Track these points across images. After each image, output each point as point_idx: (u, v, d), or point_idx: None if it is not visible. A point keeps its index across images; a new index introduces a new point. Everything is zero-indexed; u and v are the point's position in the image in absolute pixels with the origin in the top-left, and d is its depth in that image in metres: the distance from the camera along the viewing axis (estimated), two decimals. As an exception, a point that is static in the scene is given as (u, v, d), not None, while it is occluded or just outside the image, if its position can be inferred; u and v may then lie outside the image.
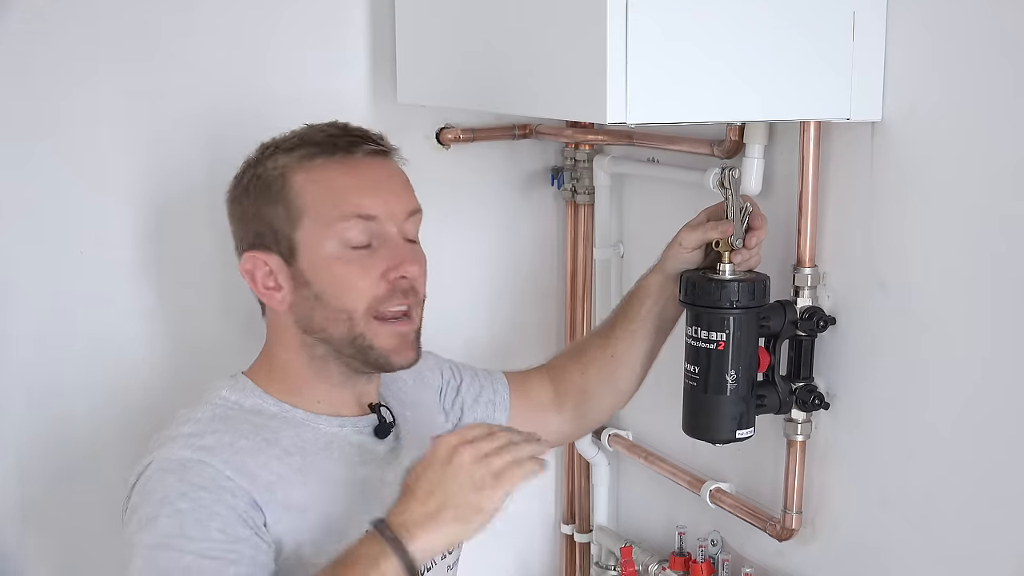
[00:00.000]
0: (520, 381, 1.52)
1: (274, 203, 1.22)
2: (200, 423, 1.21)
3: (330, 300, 1.21)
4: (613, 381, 1.48)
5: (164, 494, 1.13)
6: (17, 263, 1.53)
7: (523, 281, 1.92)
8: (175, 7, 1.57)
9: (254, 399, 1.25)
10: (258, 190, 1.23)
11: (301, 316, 1.23)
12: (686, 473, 1.67)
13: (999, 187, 1.18)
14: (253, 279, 1.24)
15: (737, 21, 1.20)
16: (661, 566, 1.69)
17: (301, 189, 1.21)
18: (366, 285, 1.21)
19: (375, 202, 1.22)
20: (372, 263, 1.21)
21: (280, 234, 1.22)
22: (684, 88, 1.19)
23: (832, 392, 1.41)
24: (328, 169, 1.22)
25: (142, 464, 1.19)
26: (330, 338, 1.23)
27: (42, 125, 1.52)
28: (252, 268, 1.24)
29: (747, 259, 1.34)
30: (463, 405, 1.46)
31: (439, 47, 1.54)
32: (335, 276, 1.20)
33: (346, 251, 1.21)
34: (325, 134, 1.25)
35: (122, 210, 1.58)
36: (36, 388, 1.57)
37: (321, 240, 1.21)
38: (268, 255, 1.23)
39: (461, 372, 1.49)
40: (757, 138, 1.44)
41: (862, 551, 1.40)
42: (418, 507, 1.08)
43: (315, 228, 1.21)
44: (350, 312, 1.21)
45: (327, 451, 1.24)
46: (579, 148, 1.83)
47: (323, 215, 1.20)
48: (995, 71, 1.18)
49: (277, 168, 1.23)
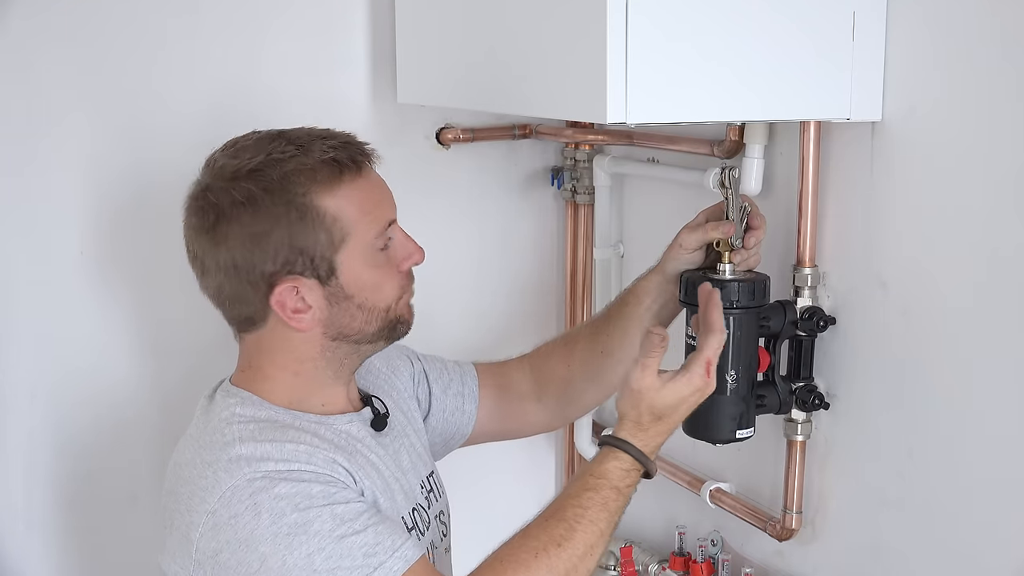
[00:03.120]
0: (495, 371, 1.52)
1: (311, 231, 1.20)
2: (246, 443, 1.18)
3: (373, 304, 1.25)
4: (599, 376, 1.47)
5: (293, 503, 1.12)
6: (17, 264, 1.53)
7: (523, 281, 1.92)
8: (177, 7, 1.57)
9: (265, 411, 1.24)
10: (288, 220, 1.19)
11: (335, 326, 1.24)
12: (686, 473, 1.67)
13: (999, 187, 1.19)
14: (283, 307, 1.21)
15: (737, 21, 1.20)
16: (661, 566, 1.69)
17: (338, 214, 1.20)
18: (395, 281, 1.27)
19: (390, 209, 1.27)
20: (392, 260, 1.26)
21: (320, 258, 1.21)
22: (684, 88, 1.19)
23: (832, 392, 1.41)
24: (354, 189, 1.22)
25: (208, 504, 1.13)
26: (364, 336, 1.26)
27: (42, 124, 1.52)
28: (283, 299, 1.21)
29: (747, 259, 1.34)
30: (432, 395, 1.47)
31: (439, 47, 1.54)
32: (373, 283, 1.24)
33: (379, 258, 1.25)
34: (330, 151, 1.21)
35: (122, 210, 1.58)
36: (39, 389, 1.57)
37: (362, 256, 1.23)
38: (299, 280, 1.21)
39: (430, 363, 1.50)
40: (757, 138, 1.44)
41: (862, 551, 1.40)
42: (661, 434, 1.25)
43: (357, 246, 1.22)
44: (387, 308, 1.26)
45: (351, 444, 1.25)
46: (579, 148, 1.83)
47: (364, 233, 1.23)
48: (995, 71, 1.18)
49: (305, 196, 1.19)
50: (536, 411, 1.51)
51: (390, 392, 1.41)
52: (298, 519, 1.11)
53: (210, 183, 1.22)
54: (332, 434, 1.24)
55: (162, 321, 1.63)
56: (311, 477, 1.15)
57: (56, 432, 1.59)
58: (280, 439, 1.18)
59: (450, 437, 1.49)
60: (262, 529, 1.11)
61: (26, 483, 1.58)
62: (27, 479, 1.58)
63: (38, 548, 1.60)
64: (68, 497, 1.60)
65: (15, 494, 1.58)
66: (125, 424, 1.61)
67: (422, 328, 1.33)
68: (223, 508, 1.13)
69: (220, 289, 1.24)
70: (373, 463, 1.25)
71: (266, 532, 1.11)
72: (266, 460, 1.15)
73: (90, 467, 1.60)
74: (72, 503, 1.61)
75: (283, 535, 1.11)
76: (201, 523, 1.14)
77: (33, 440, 1.58)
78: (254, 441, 1.17)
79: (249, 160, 1.20)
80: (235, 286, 1.22)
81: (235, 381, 1.27)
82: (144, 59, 1.56)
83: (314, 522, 1.11)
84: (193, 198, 1.24)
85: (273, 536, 1.11)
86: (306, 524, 1.11)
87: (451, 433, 1.48)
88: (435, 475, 1.40)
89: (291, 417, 1.24)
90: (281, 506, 1.12)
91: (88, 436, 1.60)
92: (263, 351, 1.26)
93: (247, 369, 1.27)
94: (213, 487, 1.14)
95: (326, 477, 1.16)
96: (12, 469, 1.57)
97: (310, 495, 1.13)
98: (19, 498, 1.58)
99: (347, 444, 1.24)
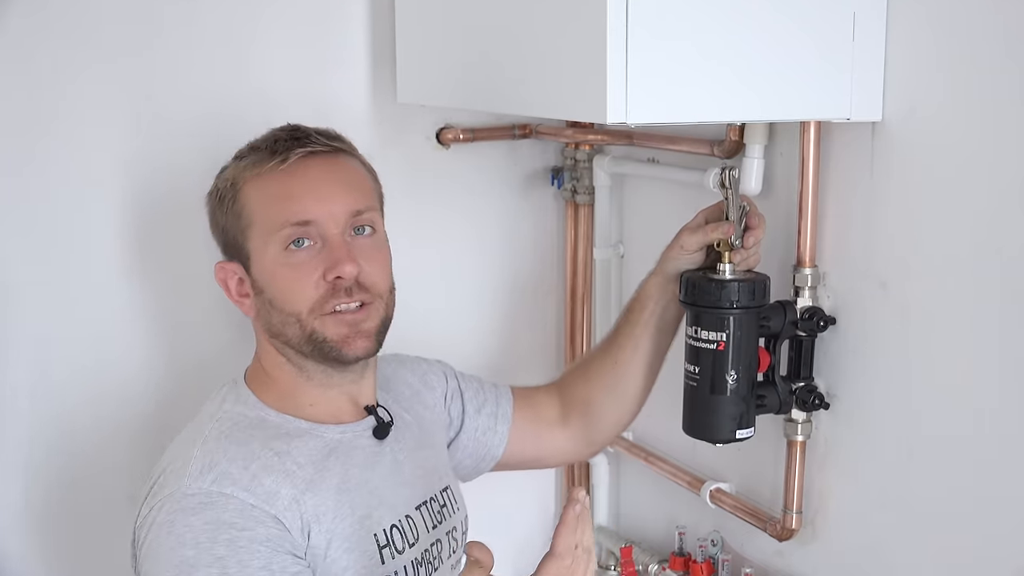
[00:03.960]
0: (527, 396, 1.52)
1: (229, 214, 1.26)
2: (208, 443, 1.20)
3: (281, 305, 1.24)
4: (617, 390, 1.47)
5: (195, 539, 1.12)
6: (17, 264, 1.53)
7: (523, 281, 1.92)
8: (176, 6, 1.57)
9: (257, 411, 1.25)
10: (218, 201, 1.28)
11: (264, 322, 1.26)
12: (686, 473, 1.67)
13: (999, 186, 1.18)
14: (227, 288, 1.28)
15: (737, 21, 1.20)
16: (661, 566, 1.69)
17: (246, 199, 1.25)
18: (307, 288, 1.23)
19: (310, 207, 1.23)
20: (313, 265, 1.23)
21: (237, 243, 1.26)
22: (684, 88, 1.19)
23: (832, 392, 1.41)
24: (268, 178, 1.24)
25: (157, 498, 1.17)
26: (289, 340, 1.25)
27: (42, 123, 1.52)
28: (224, 277, 1.28)
29: (746, 259, 1.34)
30: (465, 413, 1.47)
31: (439, 47, 1.54)
32: (281, 282, 1.24)
33: (288, 257, 1.23)
34: (271, 139, 1.27)
35: (122, 209, 1.57)
36: (40, 389, 1.57)
37: (266, 248, 1.24)
38: (233, 264, 1.27)
39: (467, 382, 1.49)
40: (757, 138, 1.44)
41: (862, 551, 1.40)
42: None
43: (261, 237, 1.24)
44: (297, 315, 1.23)
45: (334, 458, 1.25)
46: (579, 148, 1.82)
47: (266, 224, 1.23)
48: (996, 70, 1.18)
49: (229, 179, 1.27)
50: (563, 437, 1.51)
51: (415, 406, 1.40)
52: (191, 559, 1.11)
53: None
54: (315, 444, 1.24)
55: (162, 321, 1.63)
56: (237, 507, 1.14)
57: (57, 432, 1.59)
58: (236, 453, 1.18)
59: (481, 458, 1.48)
60: (164, 551, 1.13)
61: (26, 483, 1.58)
62: (27, 479, 1.58)
63: (38, 548, 1.60)
64: (69, 497, 1.60)
65: (15, 494, 1.58)
66: (127, 424, 1.61)
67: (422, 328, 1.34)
68: (155, 511, 1.16)
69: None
70: (352, 477, 1.24)
71: (166, 555, 1.13)
72: (207, 474, 1.16)
73: (91, 467, 1.60)
74: (72, 503, 1.61)
75: (175, 565, 1.12)
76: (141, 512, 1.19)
77: (34, 440, 1.58)
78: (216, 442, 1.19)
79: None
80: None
81: (246, 374, 1.30)
82: (143, 57, 1.55)
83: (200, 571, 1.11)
84: None
85: (168, 562, 1.13)
86: (194, 570, 1.11)
87: (482, 454, 1.48)
88: (451, 489, 1.39)
89: (280, 421, 1.25)
90: (186, 537, 1.12)
91: (90, 436, 1.60)
92: (258, 341, 1.30)
93: (254, 359, 1.31)
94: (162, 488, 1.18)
95: (253, 512, 1.15)
96: (12, 469, 1.57)
97: (214, 538, 1.12)
98: (19, 498, 1.58)
99: (324, 459, 1.23)
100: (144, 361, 1.62)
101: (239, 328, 1.47)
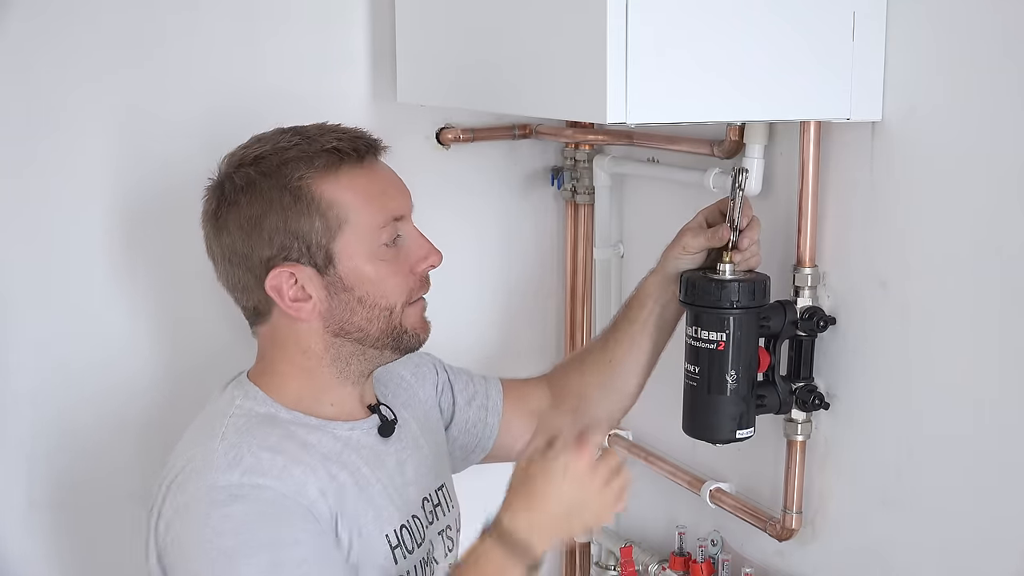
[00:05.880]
0: (517, 388, 1.52)
1: (306, 215, 1.20)
2: (228, 438, 1.18)
3: (375, 300, 1.23)
4: (611, 386, 1.47)
5: (235, 528, 1.11)
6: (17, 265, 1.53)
7: (523, 281, 1.92)
8: (176, 6, 1.57)
9: (267, 407, 1.24)
10: (281, 204, 1.20)
11: (336, 320, 1.24)
12: (686, 473, 1.67)
13: (999, 186, 1.19)
14: (280, 294, 1.22)
15: (737, 21, 1.20)
16: (661, 566, 1.69)
17: (335, 199, 1.21)
18: (402, 281, 1.25)
19: (399, 203, 1.26)
20: (403, 259, 1.25)
21: (316, 246, 1.21)
22: (684, 88, 1.19)
23: (832, 392, 1.41)
24: (354, 177, 1.22)
25: (184, 495, 1.15)
26: (366, 336, 1.24)
27: (41, 126, 1.52)
28: (279, 284, 1.21)
29: (747, 259, 1.34)
30: (455, 406, 1.47)
31: (439, 47, 1.54)
32: (376, 278, 1.23)
33: (387, 252, 1.24)
34: (334, 140, 1.23)
35: (122, 210, 1.58)
36: (41, 390, 1.57)
37: (362, 246, 1.22)
38: (296, 267, 1.21)
39: (456, 374, 1.49)
40: (757, 138, 1.44)
41: (862, 551, 1.40)
42: (547, 517, 1.13)
43: (356, 235, 1.22)
44: (391, 308, 1.24)
45: (347, 455, 1.24)
46: (579, 148, 1.82)
47: (363, 222, 1.22)
48: (996, 70, 1.18)
49: (300, 180, 1.20)
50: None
51: (412, 402, 1.40)
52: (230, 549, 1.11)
53: (220, 172, 1.25)
54: (328, 440, 1.23)
55: (163, 321, 1.63)
56: (271, 497, 1.14)
57: (59, 432, 1.59)
58: (260, 446, 1.17)
59: (471, 450, 1.48)
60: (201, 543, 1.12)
61: (29, 483, 1.58)
62: (30, 480, 1.58)
63: (41, 548, 1.60)
64: (71, 498, 1.60)
65: (18, 495, 1.58)
66: (129, 424, 1.61)
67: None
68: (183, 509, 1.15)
69: (228, 277, 1.26)
70: (364, 475, 1.24)
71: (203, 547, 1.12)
72: (235, 467, 1.15)
73: (93, 467, 1.60)
74: (75, 503, 1.61)
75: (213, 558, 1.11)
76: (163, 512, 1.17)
77: (35, 439, 1.58)
78: (238, 435, 1.18)
79: (257, 149, 1.23)
80: (238, 273, 1.24)
81: (250, 375, 1.28)
82: (143, 59, 1.55)
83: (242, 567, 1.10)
84: (206, 188, 1.27)
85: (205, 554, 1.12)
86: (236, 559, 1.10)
87: (472, 446, 1.48)
88: (446, 488, 1.39)
89: (292, 417, 1.24)
90: (225, 527, 1.12)
91: (92, 436, 1.60)
92: (275, 345, 1.27)
93: (260, 363, 1.28)
94: (185, 482, 1.16)
95: (286, 502, 1.14)
96: (15, 470, 1.57)
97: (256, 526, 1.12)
98: (22, 499, 1.58)
99: (339, 454, 1.23)
100: (145, 360, 1.62)
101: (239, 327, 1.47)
